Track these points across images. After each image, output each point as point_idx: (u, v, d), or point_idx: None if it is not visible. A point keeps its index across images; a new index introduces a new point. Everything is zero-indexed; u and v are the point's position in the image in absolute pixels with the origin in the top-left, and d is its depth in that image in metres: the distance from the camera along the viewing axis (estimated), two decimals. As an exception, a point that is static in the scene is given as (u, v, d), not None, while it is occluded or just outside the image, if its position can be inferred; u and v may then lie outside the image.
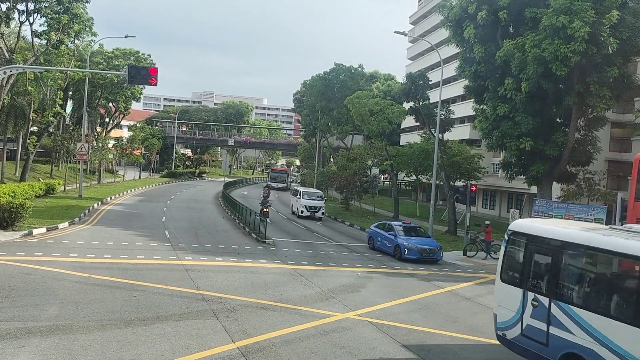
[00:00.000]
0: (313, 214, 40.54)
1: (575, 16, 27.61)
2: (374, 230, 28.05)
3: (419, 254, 24.45)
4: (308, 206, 40.75)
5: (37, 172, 52.95)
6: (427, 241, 25.72)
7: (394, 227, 26.37)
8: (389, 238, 26.02)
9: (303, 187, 49.55)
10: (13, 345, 10.02)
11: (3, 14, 35.96)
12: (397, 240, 25.38)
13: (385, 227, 27.16)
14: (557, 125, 34.45)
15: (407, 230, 26.30)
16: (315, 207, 40.89)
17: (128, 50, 62.20)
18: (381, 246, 26.65)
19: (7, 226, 23.00)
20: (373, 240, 27.71)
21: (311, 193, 43.30)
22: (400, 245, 24.87)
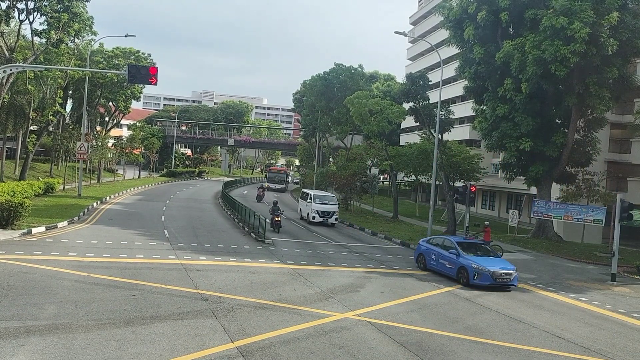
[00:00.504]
0: (326, 220, 37.11)
1: (575, 17, 27.64)
2: (426, 247, 23.18)
3: (493, 279, 19.55)
4: (320, 211, 37.18)
5: (36, 171, 52.92)
6: (500, 262, 20.59)
7: (454, 244, 21.73)
8: (448, 257, 21.25)
9: (314, 190, 45.15)
10: (12, 344, 10.02)
11: (3, 13, 35.95)
12: (461, 260, 20.54)
13: (443, 244, 22.47)
14: (557, 126, 34.52)
15: (470, 248, 21.57)
16: (328, 212, 37.34)
17: (128, 49, 62.20)
18: (437, 267, 21.87)
19: (6, 225, 23.01)
20: (425, 259, 22.81)
21: (324, 197, 39.19)
22: (468, 268, 19.98)
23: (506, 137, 33.83)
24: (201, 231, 28.67)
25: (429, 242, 23.44)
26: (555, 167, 34.18)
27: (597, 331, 15.10)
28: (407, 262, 24.76)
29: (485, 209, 56.46)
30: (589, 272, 25.97)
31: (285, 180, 77.81)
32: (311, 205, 37.65)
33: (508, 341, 13.18)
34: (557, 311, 17.22)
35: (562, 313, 17.02)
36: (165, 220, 32.06)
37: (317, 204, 37.68)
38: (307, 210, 38.47)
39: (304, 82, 74.75)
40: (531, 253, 30.63)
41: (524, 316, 15.96)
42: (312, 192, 40.09)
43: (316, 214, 37.17)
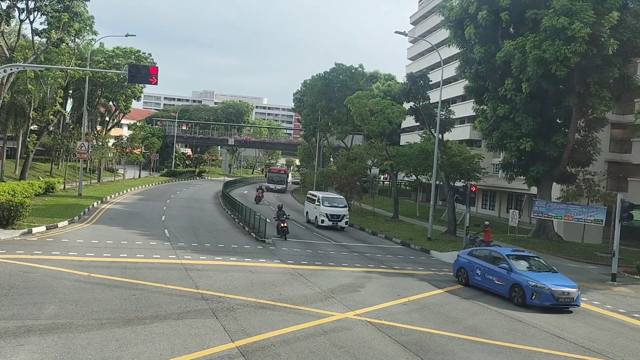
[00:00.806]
0: (335, 224, 35.08)
1: (575, 17, 27.62)
2: (467, 260, 20.31)
3: (554, 299, 16.93)
4: (330, 214, 35.11)
5: (36, 170, 52.94)
6: (559, 279, 18.03)
7: (504, 257, 18.81)
8: (498, 273, 18.49)
9: (322, 192, 42.23)
10: (12, 343, 10.02)
11: (3, 12, 35.96)
12: (514, 276, 17.81)
13: (490, 256, 19.60)
14: (557, 126, 34.50)
15: (522, 261, 18.94)
16: (338, 215, 35.28)
17: (129, 49, 62.23)
18: (483, 283, 19.19)
19: (6, 224, 23.01)
20: (466, 273, 20.01)
21: (333, 199, 36.93)
22: (524, 286, 17.26)
23: (506, 137, 33.82)
24: (201, 231, 28.68)
25: (471, 255, 20.52)
26: (556, 167, 34.16)
27: (598, 331, 15.09)
28: (407, 261, 24.76)
29: (485, 208, 56.45)
30: (589, 272, 25.96)
31: (286, 180, 75.72)
32: (319, 208, 35.58)
33: (508, 341, 13.17)
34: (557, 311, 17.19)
35: (562, 313, 17.00)
36: (166, 220, 32.07)
37: (326, 206, 35.59)
38: (314, 213, 36.49)
39: (305, 81, 74.74)
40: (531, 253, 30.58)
41: (524, 316, 15.95)
42: (321, 195, 37.51)
43: (325, 218, 35.13)
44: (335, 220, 35.14)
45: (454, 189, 37.24)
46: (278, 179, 73.03)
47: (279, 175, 75.21)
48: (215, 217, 36.40)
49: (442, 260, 26.17)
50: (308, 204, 39.10)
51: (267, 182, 72.03)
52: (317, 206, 36.08)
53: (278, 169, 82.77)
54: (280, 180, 73.08)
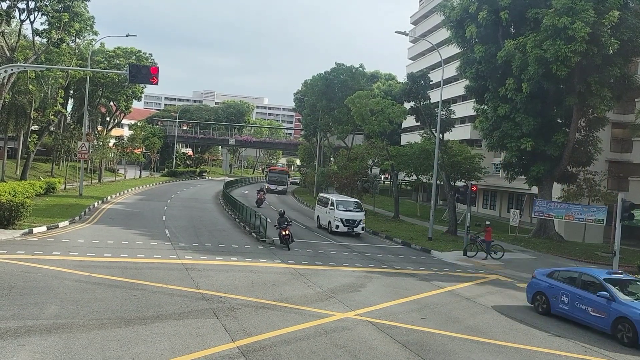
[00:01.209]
0: (351, 229, 32.07)
1: (576, 17, 27.60)
2: (548, 283, 16.48)
3: None
4: (345, 219, 32.04)
5: (37, 170, 52.98)
6: None
7: (601, 281, 14.93)
8: (593, 302, 14.76)
9: (336, 195, 39.49)
10: (13, 343, 10.03)
11: (4, 12, 36.00)
12: (618, 307, 14.06)
13: (579, 280, 15.75)
14: (558, 126, 34.50)
15: (624, 286, 15.05)
16: (354, 220, 32.22)
17: (129, 49, 62.24)
18: (572, 313, 15.43)
19: (7, 225, 23.02)
20: (547, 299, 16.27)
21: (348, 202, 33.78)
22: (635, 321, 13.47)
23: (507, 136, 33.82)
24: (202, 231, 28.68)
25: (553, 277, 16.63)
26: (557, 166, 34.15)
27: (598, 331, 15.06)
28: (408, 261, 24.75)
29: (486, 208, 56.43)
30: (590, 271, 25.88)
31: (287, 180, 72.66)
32: (333, 213, 32.50)
33: (509, 341, 13.17)
34: (559, 311, 17.17)
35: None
36: (167, 219, 32.07)
37: (340, 210, 32.48)
38: (327, 218, 33.50)
39: (305, 81, 74.76)
40: (532, 253, 30.61)
41: (525, 316, 15.94)
42: (334, 198, 34.42)
43: (340, 223, 32.06)
44: (350, 226, 32.08)
45: (454, 189, 37.25)
46: (279, 180, 69.72)
47: (280, 175, 72.15)
48: (216, 217, 36.40)
49: (443, 260, 26.16)
50: (319, 208, 35.80)
51: (268, 183, 68.50)
52: (330, 210, 32.98)
53: (279, 169, 79.32)
54: (282, 180, 70.00)
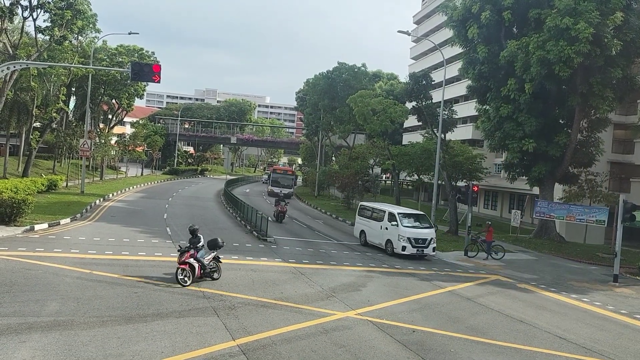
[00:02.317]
0: (421, 251, 25.15)
1: (580, 17, 27.56)
2: None
3: None
4: (414, 238, 24.95)
5: (39, 167, 53.02)
6: None
7: None
8: None
9: (392, 206, 30.66)
10: (14, 340, 10.05)
11: (7, 9, 35.96)
12: None
13: None
14: (560, 127, 34.45)
15: None
16: (424, 239, 25.23)
17: (132, 47, 62.31)
18: None
19: (9, 221, 23.06)
20: None
21: (414, 215, 26.94)
22: None
23: (509, 137, 33.78)
24: (203, 229, 28.52)
25: None
26: (558, 167, 34.11)
27: (599, 332, 15.06)
28: (408, 261, 24.72)
29: (487, 209, 56.40)
30: (591, 272, 25.91)
31: (293, 183, 62.15)
32: (397, 230, 25.23)
33: (510, 341, 13.16)
34: (559, 312, 17.19)
35: (563, 314, 16.98)
36: (168, 218, 32.09)
37: (407, 227, 25.33)
38: (384, 235, 26.27)
39: (307, 80, 74.77)
40: (533, 253, 30.59)
41: (526, 316, 15.94)
42: (394, 210, 27.00)
43: (408, 244, 24.85)
44: (421, 247, 25.06)
45: (456, 189, 37.24)
46: (284, 182, 59.49)
47: (285, 177, 61.53)
48: (217, 216, 36.41)
49: (444, 260, 26.13)
50: (364, 221, 28.71)
51: (270, 186, 59.15)
52: (391, 226, 25.69)
53: (284, 169, 67.98)
54: (287, 183, 59.77)
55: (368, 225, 28.23)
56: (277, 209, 24.37)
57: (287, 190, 57.31)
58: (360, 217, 29.38)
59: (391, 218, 26.07)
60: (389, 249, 25.78)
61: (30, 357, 9.32)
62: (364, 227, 28.69)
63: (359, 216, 29.55)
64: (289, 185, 59.32)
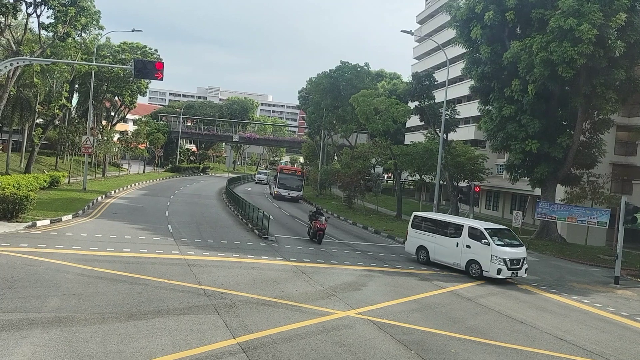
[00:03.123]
0: (514, 274, 21.42)
1: (583, 18, 27.51)
2: None
3: None
4: (509, 259, 21.21)
5: (42, 164, 53.12)
6: None
7: None
8: None
9: (476, 221, 24.93)
10: (15, 336, 10.07)
11: (10, 6, 36.02)
12: None
13: None
14: (563, 128, 34.41)
15: None
16: (518, 259, 21.58)
17: (135, 44, 62.35)
18: None
19: (11, 217, 23.08)
20: None
21: (501, 232, 23.00)
22: None
23: (511, 138, 33.74)
24: (205, 227, 28.71)
25: None
26: (560, 168, 34.08)
27: (600, 334, 15.05)
28: (409, 260, 24.72)
29: (489, 209, 56.35)
30: (592, 274, 25.90)
31: (303, 185, 56.42)
32: (490, 250, 21.29)
33: (510, 342, 13.16)
34: (560, 313, 17.18)
35: (564, 315, 16.97)
36: (169, 215, 32.13)
37: (501, 246, 21.53)
38: (464, 255, 22.30)
39: (310, 79, 74.81)
40: (534, 254, 30.55)
41: (527, 317, 15.93)
42: (478, 225, 22.77)
43: (503, 265, 21.03)
44: (515, 269, 21.39)
45: (457, 189, 37.27)
46: (292, 184, 53.99)
47: (294, 178, 55.38)
48: (218, 214, 36.44)
49: (445, 260, 26.09)
50: (424, 235, 24.29)
51: (277, 188, 53.85)
52: (482, 245, 21.55)
53: (292, 169, 60.86)
54: (296, 185, 54.25)
55: (432, 240, 23.83)
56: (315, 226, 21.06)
57: (296, 192, 53.43)
58: (416, 230, 24.85)
59: (475, 234, 22.10)
60: (473, 271, 21.68)
61: (31, 353, 9.33)
62: (424, 243, 24.18)
63: (414, 229, 25.00)
64: (297, 187, 54.24)
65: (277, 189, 53.44)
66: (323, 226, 22.29)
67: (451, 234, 23.16)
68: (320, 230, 22.32)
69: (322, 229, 22.31)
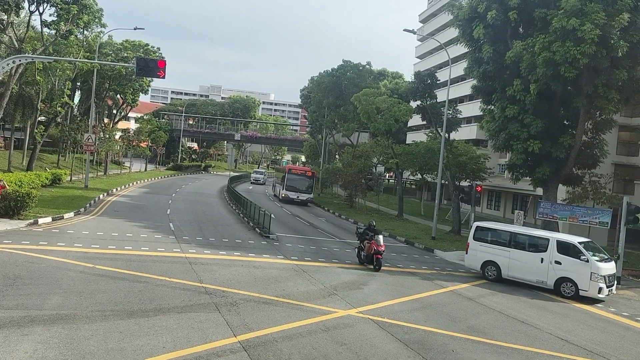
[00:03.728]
0: (610, 292, 20.01)
1: (586, 18, 27.46)
2: None
3: None
4: (607, 276, 19.77)
5: (43, 161, 53.16)
6: None
7: None
8: None
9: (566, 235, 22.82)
10: (16, 333, 10.09)
11: (13, 3, 36.05)
12: None
13: None
14: (565, 128, 34.30)
15: None
16: (613, 274, 20.51)
17: (137, 42, 62.39)
18: None
19: (13, 215, 23.12)
20: None
21: (591, 246, 21.13)
22: None
23: (513, 138, 33.67)
24: (206, 225, 28.73)
25: None
26: (562, 168, 33.98)
27: (601, 334, 15.04)
28: (411, 260, 24.73)
29: (490, 209, 56.30)
30: (594, 274, 25.82)
31: (313, 186, 52.08)
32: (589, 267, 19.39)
33: (511, 342, 13.16)
34: (561, 313, 17.17)
35: (566, 315, 16.96)
36: (171, 213, 32.15)
37: (599, 262, 19.76)
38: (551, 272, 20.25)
39: (312, 78, 74.77)
40: (536, 254, 30.50)
41: (528, 317, 15.93)
42: (571, 239, 20.84)
43: (603, 284, 19.42)
44: (611, 286, 19.98)
45: (459, 189, 37.22)
46: (301, 186, 49.89)
47: (304, 179, 50.92)
48: (220, 212, 36.46)
49: (446, 260, 26.14)
50: (493, 249, 21.94)
51: (285, 190, 49.66)
52: (580, 262, 19.59)
53: (302, 170, 54.94)
54: (305, 187, 50.12)
55: (506, 255, 21.45)
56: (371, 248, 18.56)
57: (305, 195, 49.59)
58: (479, 242, 22.34)
59: (566, 249, 20.08)
60: (567, 291, 19.75)
61: (32, 350, 9.35)
62: (494, 257, 21.72)
63: (476, 241, 22.42)
64: (307, 189, 50.15)
65: (285, 191, 49.47)
66: (381, 248, 18.93)
67: (532, 248, 21.21)
68: (378, 254, 18.94)
69: (381, 251, 18.95)
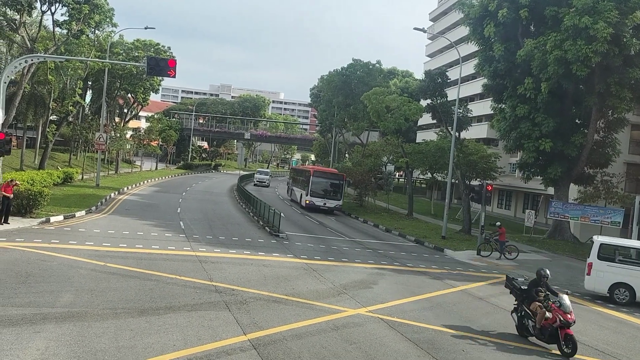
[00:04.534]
0: None
1: (598, 16, 27.23)
2: None
3: None
4: None
5: (55, 160, 53.60)
6: None
7: None
8: None
9: None
10: (29, 330, 10.18)
11: (25, 3, 36.33)
12: None
13: None
14: (576, 127, 34.10)
15: None
16: None
17: (148, 41, 62.60)
18: None
19: (25, 213, 23.33)
20: None
21: None
22: None
23: (525, 137, 33.47)
24: (216, 224, 28.82)
25: None
26: (574, 167, 33.78)
27: (613, 334, 14.91)
28: (420, 259, 24.66)
29: (501, 208, 56.03)
30: (606, 274, 25.60)
31: (342, 191, 43.32)
32: None
33: (521, 342, 13.08)
34: (572, 313, 17.01)
35: (577, 315, 16.75)
36: (181, 212, 32.29)
37: None
38: None
39: (322, 77, 74.78)
40: (547, 254, 30.35)
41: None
42: None
43: None
44: None
45: (469, 188, 37.05)
46: (329, 191, 42.35)
47: (332, 183, 42.77)
48: (230, 211, 36.56)
49: (456, 259, 26.03)
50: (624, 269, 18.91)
51: (310, 196, 41.83)
52: None
53: (329, 172, 45.98)
54: (334, 192, 42.36)
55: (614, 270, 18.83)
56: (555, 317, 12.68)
57: (334, 202, 41.83)
58: (608, 262, 19.00)
59: None
60: None
61: (44, 347, 9.43)
62: (627, 279, 18.79)
63: (602, 261, 19.02)
64: (336, 195, 42.30)
65: (310, 197, 41.71)
66: (571, 319, 12.51)
67: None
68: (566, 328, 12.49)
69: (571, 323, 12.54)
